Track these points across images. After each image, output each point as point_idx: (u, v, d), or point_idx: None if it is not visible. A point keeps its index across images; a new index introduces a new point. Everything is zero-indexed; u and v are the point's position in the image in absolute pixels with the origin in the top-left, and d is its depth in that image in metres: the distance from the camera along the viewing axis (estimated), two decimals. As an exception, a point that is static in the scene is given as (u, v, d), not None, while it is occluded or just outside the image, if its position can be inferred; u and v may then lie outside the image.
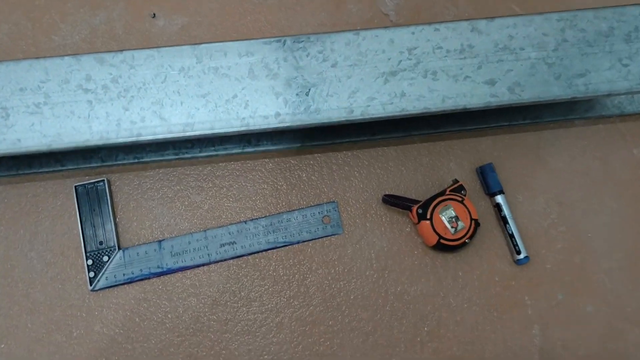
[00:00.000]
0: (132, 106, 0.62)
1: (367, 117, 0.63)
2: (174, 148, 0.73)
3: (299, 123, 0.63)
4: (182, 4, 0.77)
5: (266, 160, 0.74)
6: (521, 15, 0.66)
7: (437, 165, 0.74)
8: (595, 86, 0.64)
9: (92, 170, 0.73)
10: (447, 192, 0.70)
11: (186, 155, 0.73)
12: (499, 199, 0.72)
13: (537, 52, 0.65)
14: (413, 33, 0.65)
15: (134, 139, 0.62)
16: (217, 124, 0.62)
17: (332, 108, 0.63)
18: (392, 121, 0.75)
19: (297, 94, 0.63)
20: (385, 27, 0.65)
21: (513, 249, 0.71)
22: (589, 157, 0.75)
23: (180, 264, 0.70)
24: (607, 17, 0.66)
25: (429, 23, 0.65)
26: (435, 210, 0.69)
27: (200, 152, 0.73)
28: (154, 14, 0.77)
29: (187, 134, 0.62)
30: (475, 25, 0.65)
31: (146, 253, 0.70)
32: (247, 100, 0.63)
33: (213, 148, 0.74)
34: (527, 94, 0.64)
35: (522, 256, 0.71)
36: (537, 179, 0.74)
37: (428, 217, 0.69)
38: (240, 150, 0.73)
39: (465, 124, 0.75)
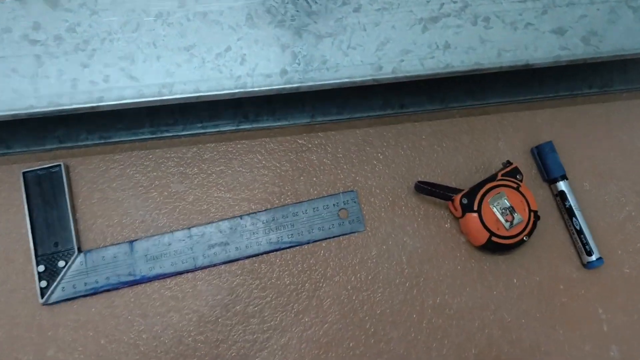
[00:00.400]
0: (93, 62, 0.48)
1: (400, 75, 0.49)
2: (151, 125, 0.58)
3: (311, 83, 0.48)
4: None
5: (267, 139, 0.59)
6: (595, -53, 0.51)
7: (481, 145, 0.59)
8: (694, 35, 0.50)
9: (46, 153, 0.57)
10: (499, 177, 0.55)
11: (166, 134, 0.58)
12: (562, 186, 0.57)
13: (617, -8, 0.50)
14: (458, -31, 0.50)
15: (93, 104, 0.47)
16: (204, 85, 0.48)
17: (355, 64, 0.48)
18: (426, 90, 0.60)
19: (309, 46, 0.48)
20: (422, -38, 0.50)
21: (582, 248, 0.56)
22: (672, 134, 0.60)
23: (158, 271, 0.55)
24: None
25: (478, -43, 0.51)
26: (485, 199, 0.54)
27: (183, 129, 0.58)
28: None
29: (165, 97, 0.47)
30: (537, -41, 0.51)
31: (114, 257, 0.55)
32: (245, 54, 0.48)
33: (200, 124, 0.58)
34: (607, 46, 0.50)
35: (594, 258, 0.56)
36: (609, 162, 0.59)
37: (475, 208, 0.54)
38: (234, 127, 0.58)
39: (516, 93, 0.60)
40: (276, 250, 0.56)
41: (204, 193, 0.57)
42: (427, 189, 0.56)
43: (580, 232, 0.56)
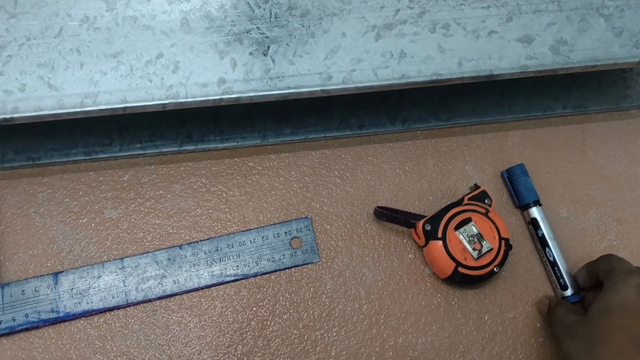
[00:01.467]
0: (8, 70, 0.43)
1: (351, 85, 0.44)
2: (85, 145, 0.53)
3: (252, 94, 0.43)
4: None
5: (212, 161, 0.53)
6: (562, -46, 0.48)
7: (447, 169, 0.54)
8: (672, 46, 0.46)
9: (-33, 175, 0.52)
10: (466, 201, 0.50)
11: (101, 155, 0.53)
12: (535, 212, 0.52)
13: None
14: (415, -25, 0.47)
15: (7, 115, 0.43)
16: (132, 95, 0.43)
17: (301, 73, 0.44)
18: (386, 109, 0.56)
19: (250, 54, 0.44)
20: (376, -33, 0.47)
21: (557, 282, 0.51)
22: (654, 158, 0.56)
23: (84, 307, 0.49)
24: (680, -44, 0.48)
25: (437, -37, 0.47)
26: (450, 225, 0.49)
27: (120, 150, 0.53)
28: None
29: (87, 108, 0.43)
30: (500, -35, 0.47)
31: (36, 291, 0.49)
32: (178, 62, 0.44)
33: (139, 145, 0.53)
34: (578, 56, 0.46)
35: (569, 292, 0.50)
36: (586, 187, 0.54)
37: (439, 235, 0.49)
38: (176, 148, 0.53)
39: (484, 114, 0.56)
40: (219, 284, 0.50)
41: (140, 220, 0.51)
42: (387, 215, 0.51)
43: (554, 264, 0.51)
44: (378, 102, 0.56)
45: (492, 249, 0.48)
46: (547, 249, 0.51)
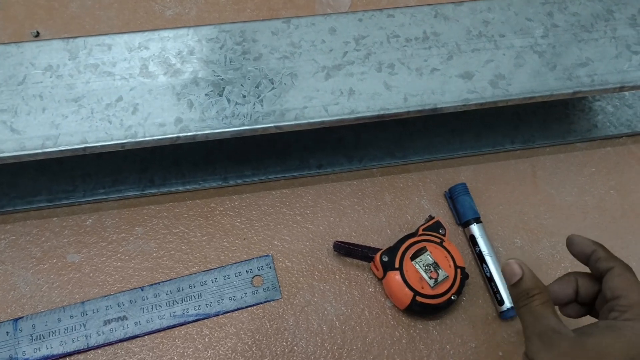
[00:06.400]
0: (-29, 116, 0.44)
1: (303, 121, 0.46)
2: (49, 192, 0.54)
3: (208, 131, 0.45)
4: (74, 22, 0.62)
5: (174, 204, 0.55)
6: (493, -1, 0.52)
7: (404, 204, 0.56)
8: (602, 77, 0.49)
9: None
10: (421, 232, 0.51)
11: (64, 202, 0.54)
12: (474, 229, 0.54)
13: (521, 39, 0.50)
14: (360, 20, 0.50)
15: (-32, 159, 0.43)
16: (92, 136, 0.44)
17: (255, 111, 0.46)
18: (344, 149, 0.58)
19: (206, 95, 0.46)
20: (324, 15, 0.50)
21: (494, 297, 0.52)
22: (601, 187, 0.58)
23: (44, 352, 0.48)
24: (603, -2, 0.52)
25: (380, 9, 0.51)
26: (406, 255, 0.50)
27: (84, 195, 0.54)
28: (37, 33, 0.61)
29: (48, 149, 0.44)
30: (439, 10, 0.51)
31: (-5, 338, 0.48)
32: (137, 104, 0.46)
33: (102, 190, 0.54)
34: (516, 88, 0.48)
35: (505, 307, 0.51)
36: (539, 217, 0.56)
37: (397, 266, 0.50)
38: (139, 192, 0.55)
39: (437, 151, 0.58)
40: (181, 324, 0.50)
41: (102, 263, 0.52)
42: (346, 249, 0.52)
43: (490, 279, 0.52)
44: (335, 143, 0.58)
45: (448, 277, 0.49)
46: (484, 265, 0.53)
